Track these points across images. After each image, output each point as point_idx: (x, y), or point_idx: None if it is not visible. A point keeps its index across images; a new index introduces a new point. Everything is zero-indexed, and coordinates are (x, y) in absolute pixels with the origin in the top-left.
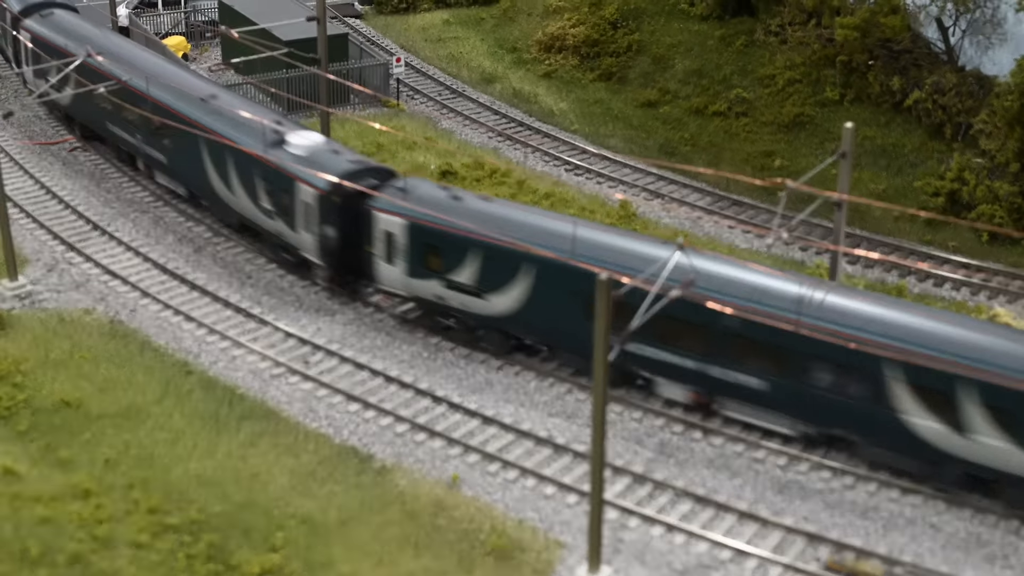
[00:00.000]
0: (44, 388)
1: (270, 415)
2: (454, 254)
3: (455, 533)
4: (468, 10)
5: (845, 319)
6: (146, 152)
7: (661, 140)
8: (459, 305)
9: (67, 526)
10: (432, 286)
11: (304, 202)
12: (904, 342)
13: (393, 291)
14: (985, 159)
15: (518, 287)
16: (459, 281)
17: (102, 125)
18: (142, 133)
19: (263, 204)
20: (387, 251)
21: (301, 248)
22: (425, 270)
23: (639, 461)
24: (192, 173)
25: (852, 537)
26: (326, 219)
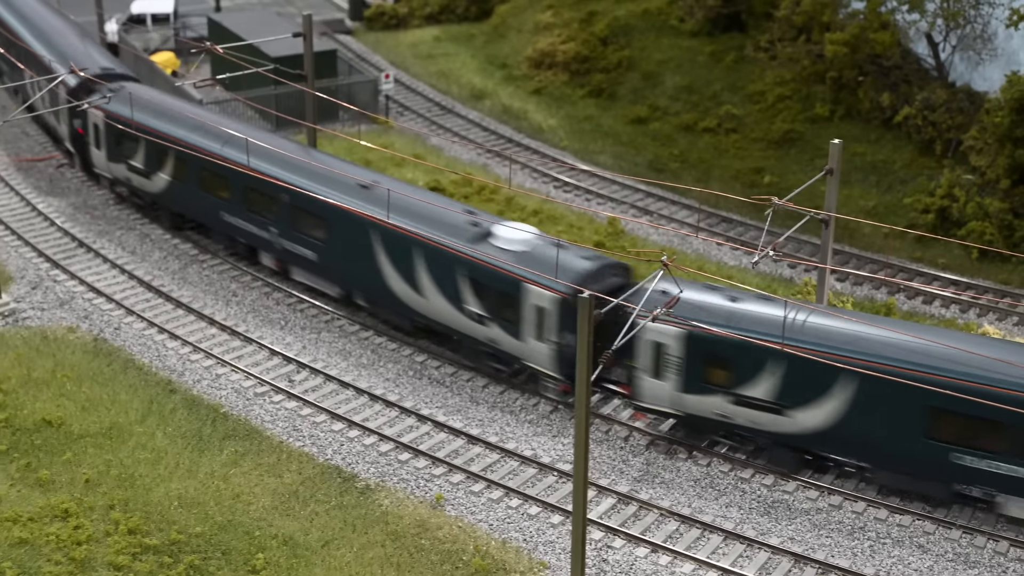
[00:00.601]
0: (26, 407)
1: (253, 434)
2: (749, 366)
3: (438, 554)
4: (458, 27)
5: None
6: (282, 247)
7: (650, 156)
8: (747, 422)
9: (44, 548)
10: (714, 402)
11: (536, 307)
12: None
13: (657, 408)
14: (975, 175)
15: (834, 400)
16: (752, 396)
17: (212, 214)
18: (278, 225)
19: (470, 308)
20: (653, 364)
21: (528, 358)
22: (705, 384)
23: (625, 481)
24: (357, 272)
25: (839, 558)
26: (567, 326)
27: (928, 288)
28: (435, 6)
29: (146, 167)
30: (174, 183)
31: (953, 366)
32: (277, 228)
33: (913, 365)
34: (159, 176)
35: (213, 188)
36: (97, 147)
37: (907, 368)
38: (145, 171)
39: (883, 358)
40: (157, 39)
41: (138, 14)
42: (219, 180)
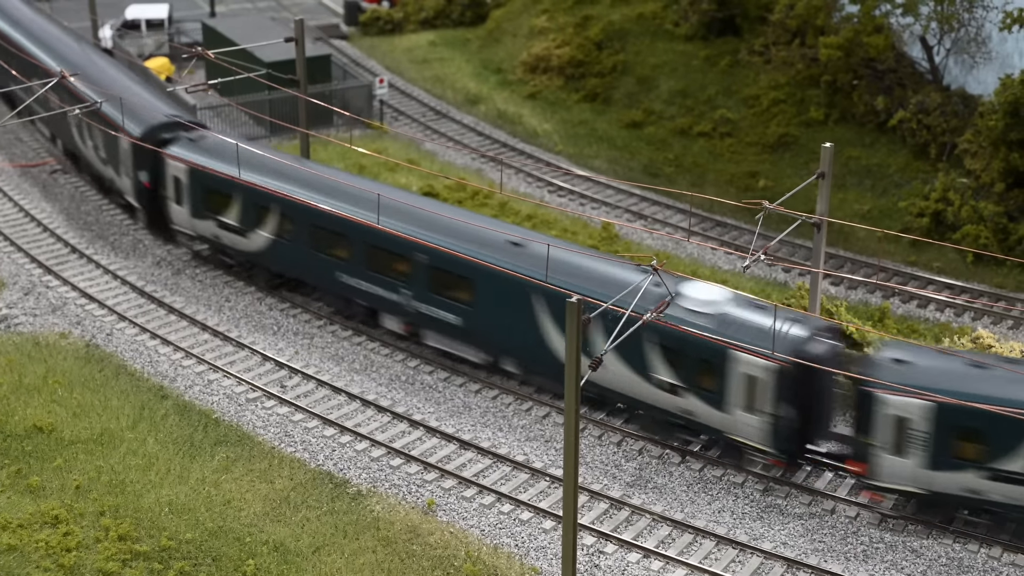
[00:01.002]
0: (17, 413)
1: (245, 440)
2: (1007, 441)
3: (430, 559)
4: (454, 31)
5: None
6: (416, 311)
7: (645, 161)
8: (1002, 497)
9: (33, 555)
10: (965, 479)
11: (747, 377)
12: None
13: (899, 487)
14: (970, 179)
15: None
16: (1013, 471)
17: (326, 275)
18: (412, 287)
19: (659, 377)
20: (895, 441)
21: (733, 431)
22: (956, 460)
23: (617, 486)
24: (512, 337)
25: (832, 563)
26: (783, 397)
27: (923, 292)
28: (430, 11)
29: (242, 224)
30: (277, 241)
31: None
32: (410, 290)
33: None
34: (258, 234)
35: (328, 247)
36: (178, 202)
37: None
38: (240, 228)
39: None
40: (151, 45)
41: (132, 20)
42: (337, 238)
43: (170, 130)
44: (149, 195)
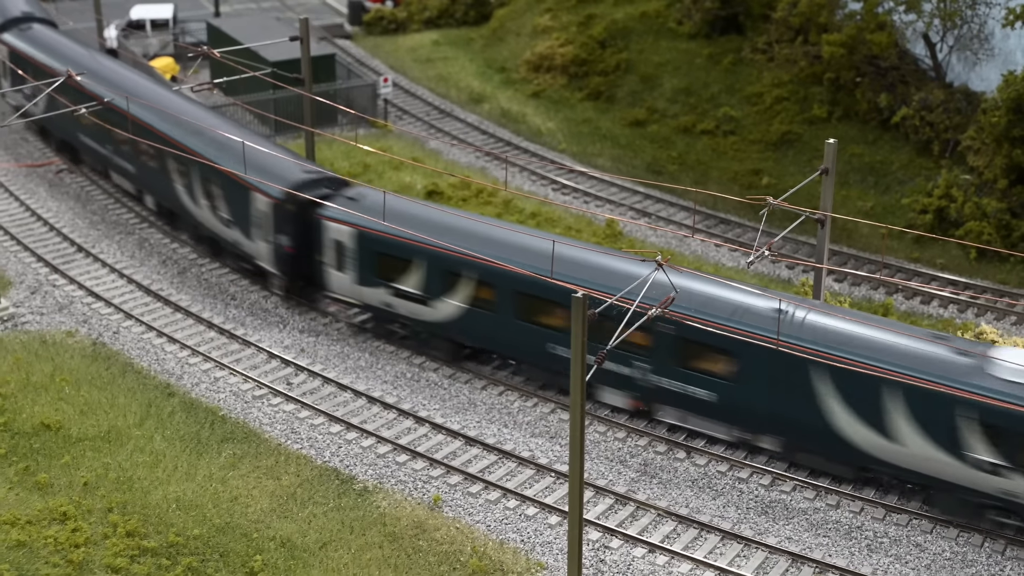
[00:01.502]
0: (24, 411)
1: (252, 437)
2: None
3: (436, 555)
4: (457, 31)
5: None
6: (654, 385)
7: (649, 159)
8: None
9: (42, 550)
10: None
11: None
12: None
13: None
14: (973, 176)
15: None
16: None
17: (533, 347)
18: (650, 361)
19: (976, 456)
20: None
21: None
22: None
23: (622, 481)
24: (782, 415)
25: (836, 557)
26: None
27: (926, 288)
28: (434, 10)
29: (425, 291)
30: (472, 311)
31: None
32: (648, 364)
33: None
34: (445, 303)
35: (538, 316)
36: (339, 269)
37: None
38: (422, 296)
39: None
40: (156, 44)
41: (137, 20)
42: (549, 307)
43: (319, 187)
44: (292, 261)
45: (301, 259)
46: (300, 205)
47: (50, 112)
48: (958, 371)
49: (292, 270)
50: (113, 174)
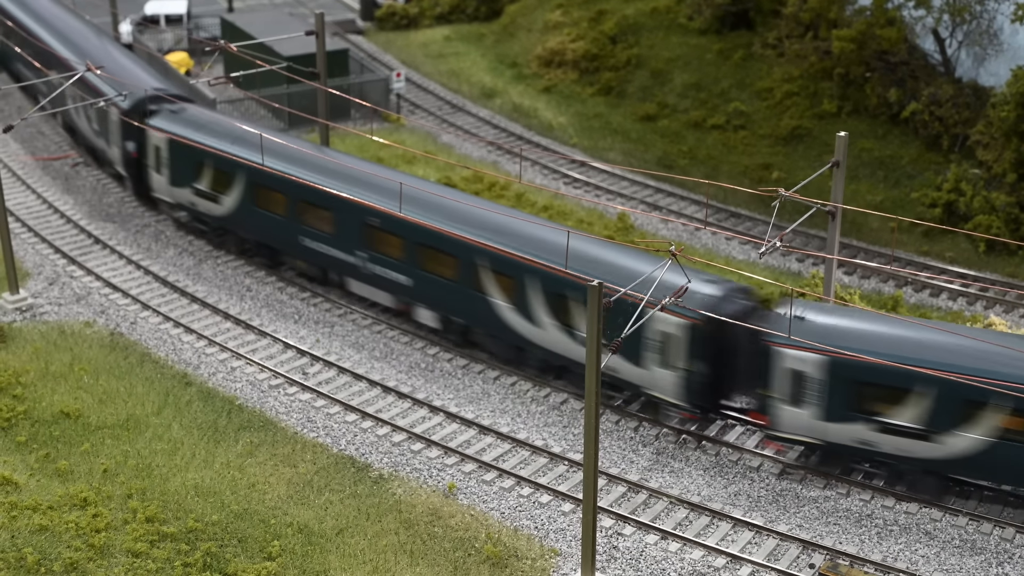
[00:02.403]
0: (44, 400)
1: (268, 425)
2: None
3: (451, 541)
4: (469, 26)
5: None
6: None
7: (659, 153)
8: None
9: (64, 535)
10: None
11: None
12: None
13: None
14: (982, 170)
15: None
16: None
17: None
18: None
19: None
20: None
21: None
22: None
23: (634, 470)
24: None
25: (846, 544)
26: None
27: (935, 281)
28: (445, 6)
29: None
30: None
31: None
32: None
33: None
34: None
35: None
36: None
37: None
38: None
39: None
40: (171, 39)
41: (152, 15)
42: None
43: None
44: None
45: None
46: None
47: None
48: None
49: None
50: None
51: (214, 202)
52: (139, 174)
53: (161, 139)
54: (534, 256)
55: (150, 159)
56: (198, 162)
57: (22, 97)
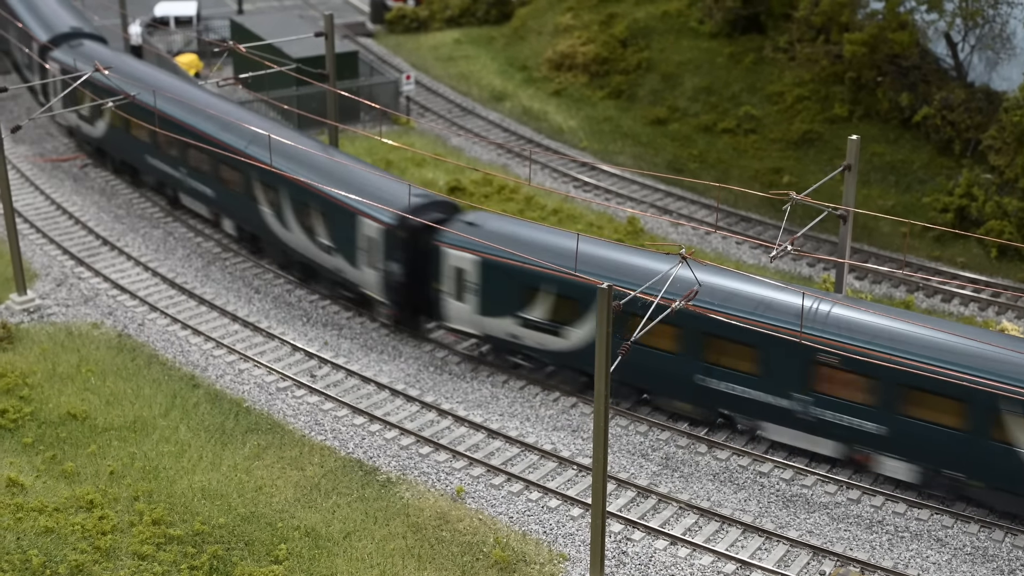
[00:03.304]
0: (51, 401)
1: (276, 428)
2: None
3: (459, 545)
4: (479, 29)
5: None
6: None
7: (670, 157)
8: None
9: (70, 537)
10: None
11: None
12: None
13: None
14: (994, 175)
15: None
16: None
17: None
18: None
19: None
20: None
21: None
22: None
23: (643, 474)
24: None
25: (857, 551)
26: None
27: (947, 286)
28: (456, 9)
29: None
30: None
31: None
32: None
33: None
34: None
35: None
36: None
37: None
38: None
39: None
40: (180, 41)
41: (161, 17)
42: None
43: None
44: None
45: None
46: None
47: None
48: None
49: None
50: None
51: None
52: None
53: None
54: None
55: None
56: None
57: (30, 99)
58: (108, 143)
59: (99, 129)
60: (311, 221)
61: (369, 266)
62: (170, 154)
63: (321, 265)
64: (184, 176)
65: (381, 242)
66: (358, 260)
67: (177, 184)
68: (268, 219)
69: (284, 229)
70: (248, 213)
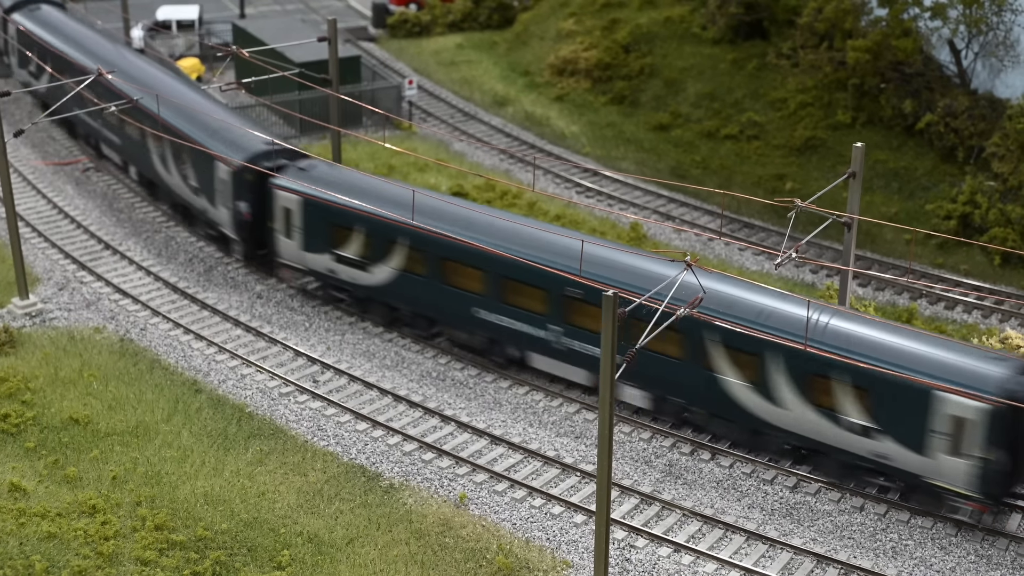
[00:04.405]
0: (53, 406)
1: (278, 434)
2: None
3: (462, 552)
4: (481, 34)
5: None
6: None
7: (672, 163)
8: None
9: (72, 542)
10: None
11: None
12: None
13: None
14: (997, 182)
15: None
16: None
17: None
18: None
19: None
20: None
21: None
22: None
23: (647, 481)
24: None
25: (861, 559)
26: None
27: (950, 293)
28: (458, 14)
29: None
30: None
31: None
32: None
33: None
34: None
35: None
36: None
37: None
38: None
39: None
40: (182, 45)
41: (163, 20)
42: None
43: None
44: None
45: None
46: None
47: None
48: None
49: None
50: None
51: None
52: None
53: None
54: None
55: None
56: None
57: (32, 102)
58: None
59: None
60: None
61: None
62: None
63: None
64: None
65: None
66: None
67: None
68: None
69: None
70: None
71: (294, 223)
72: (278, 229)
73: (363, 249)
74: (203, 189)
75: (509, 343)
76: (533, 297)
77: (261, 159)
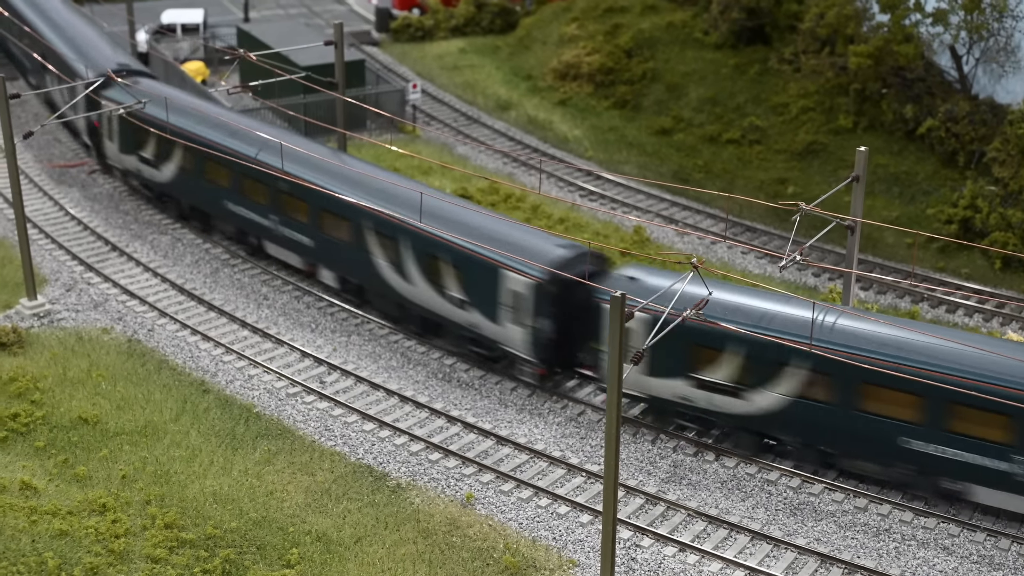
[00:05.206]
0: (62, 405)
1: (286, 433)
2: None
3: (469, 551)
4: (484, 39)
5: None
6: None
7: (675, 167)
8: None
9: (84, 540)
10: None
11: None
12: None
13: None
14: (998, 187)
15: None
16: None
17: None
18: None
19: None
20: None
21: None
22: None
23: (652, 482)
24: None
25: (864, 559)
26: None
27: (952, 296)
28: (461, 18)
29: None
30: None
31: None
32: None
33: None
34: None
35: None
36: None
37: None
38: None
39: None
40: (187, 49)
41: (168, 24)
42: None
43: None
44: None
45: None
46: None
47: None
48: None
49: None
50: None
51: None
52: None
53: None
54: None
55: None
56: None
57: (38, 104)
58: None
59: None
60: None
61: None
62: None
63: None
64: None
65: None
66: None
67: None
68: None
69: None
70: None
71: None
72: None
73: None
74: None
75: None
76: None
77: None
